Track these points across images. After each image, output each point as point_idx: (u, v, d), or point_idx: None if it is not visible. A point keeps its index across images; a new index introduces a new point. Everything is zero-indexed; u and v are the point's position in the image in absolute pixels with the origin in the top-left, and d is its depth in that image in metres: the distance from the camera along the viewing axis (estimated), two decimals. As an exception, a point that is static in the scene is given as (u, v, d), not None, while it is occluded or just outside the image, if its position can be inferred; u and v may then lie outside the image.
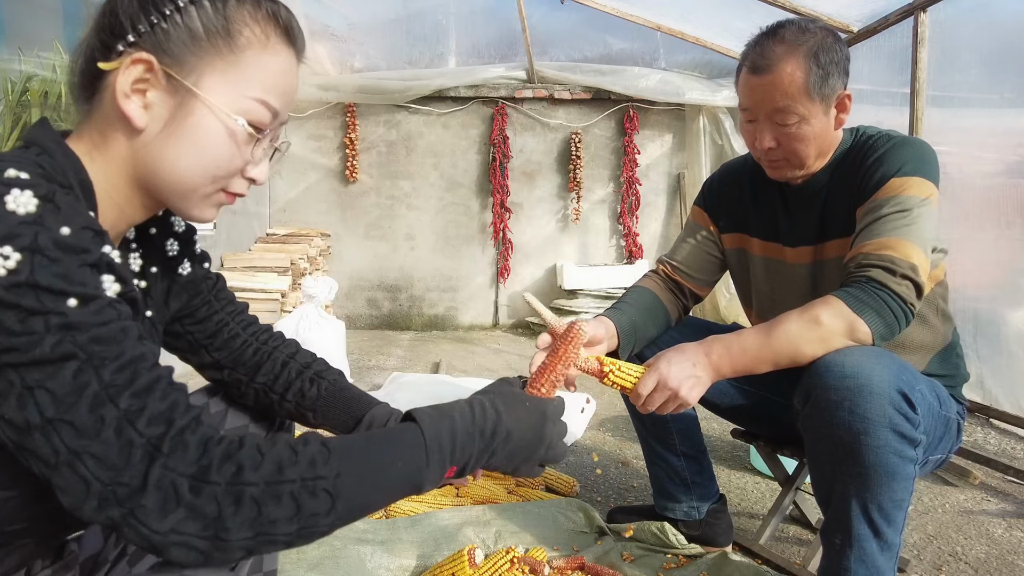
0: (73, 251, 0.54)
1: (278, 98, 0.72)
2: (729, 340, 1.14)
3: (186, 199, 0.71)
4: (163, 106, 0.67)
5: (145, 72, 0.66)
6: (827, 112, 1.21)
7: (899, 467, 1.02)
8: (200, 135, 0.68)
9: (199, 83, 0.67)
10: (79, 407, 0.52)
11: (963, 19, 2.68)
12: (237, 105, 0.69)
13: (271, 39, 0.71)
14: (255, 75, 0.70)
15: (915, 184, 1.15)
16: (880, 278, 1.08)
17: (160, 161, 0.68)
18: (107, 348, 0.54)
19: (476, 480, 1.80)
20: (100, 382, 0.53)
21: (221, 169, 0.70)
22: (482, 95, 4.94)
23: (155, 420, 0.55)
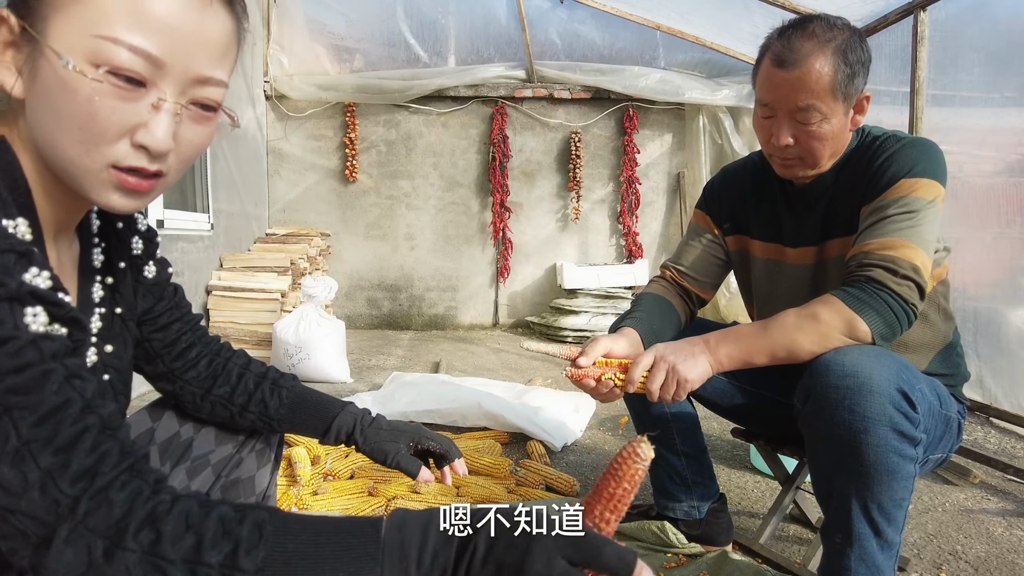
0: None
1: (142, 32, 0.56)
2: (726, 331, 1.15)
3: (73, 178, 0.60)
4: (24, 67, 0.58)
5: (8, 33, 0.57)
6: (847, 112, 1.19)
7: (899, 466, 1.02)
8: (49, 93, 0.56)
9: (44, 30, 0.56)
10: (1, 464, 0.49)
11: (963, 18, 2.68)
12: (87, 49, 0.55)
13: None
14: (105, 7, 0.55)
15: (925, 186, 1.14)
16: (881, 278, 1.07)
17: (36, 132, 0.59)
18: (24, 399, 0.49)
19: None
20: (19, 437, 0.49)
21: (85, 133, 0.57)
22: (482, 95, 4.94)
23: (79, 477, 0.51)
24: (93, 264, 0.75)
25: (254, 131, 4.68)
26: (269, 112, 4.92)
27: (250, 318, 3.50)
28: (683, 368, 1.09)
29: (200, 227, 3.64)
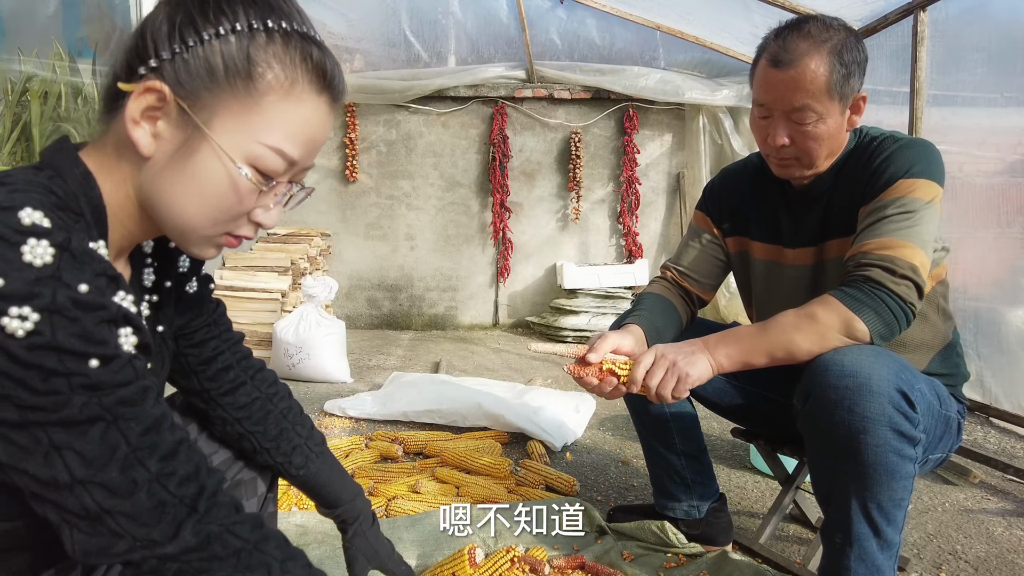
0: (91, 308, 0.53)
1: (298, 147, 0.67)
2: (725, 332, 1.15)
3: (185, 237, 0.68)
4: (172, 138, 0.64)
5: (157, 101, 0.63)
6: (843, 112, 1.19)
7: (899, 466, 1.02)
8: (202, 176, 0.64)
9: (210, 122, 0.64)
10: (110, 469, 0.54)
11: (963, 18, 2.68)
12: (247, 151, 0.65)
13: (297, 85, 0.66)
14: (273, 122, 0.65)
15: (922, 186, 1.14)
16: (878, 278, 1.08)
17: (162, 193, 0.66)
18: (132, 409, 0.55)
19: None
20: (128, 444, 0.55)
21: (223, 214, 0.67)
22: (482, 95, 4.94)
23: (186, 481, 0.58)
24: (143, 284, 0.77)
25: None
26: (269, 112, 4.92)
27: (251, 318, 3.50)
28: (683, 364, 1.09)
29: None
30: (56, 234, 0.53)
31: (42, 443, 0.52)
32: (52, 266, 0.51)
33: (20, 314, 0.50)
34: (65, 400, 0.52)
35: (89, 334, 0.53)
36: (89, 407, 0.53)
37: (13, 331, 0.50)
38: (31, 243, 0.51)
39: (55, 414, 0.52)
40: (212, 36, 0.63)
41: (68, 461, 0.52)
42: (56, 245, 0.52)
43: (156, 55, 0.63)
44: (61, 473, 0.52)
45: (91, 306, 0.53)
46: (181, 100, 0.63)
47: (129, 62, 0.64)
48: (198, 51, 0.63)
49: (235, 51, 0.63)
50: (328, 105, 0.70)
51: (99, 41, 2.80)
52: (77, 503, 0.53)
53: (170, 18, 0.64)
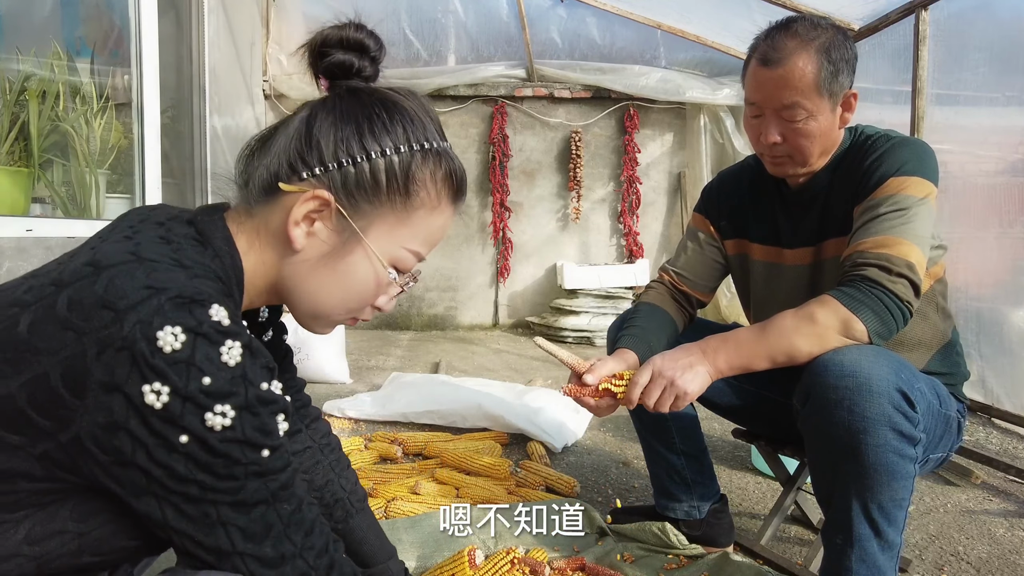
0: (268, 403, 0.59)
1: (430, 247, 0.76)
2: (724, 336, 1.14)
3: (315, 320, 0.76)
4: (326, 240, 0.70)
5: (320, 206, 0.68)
6: (834, 110, 1.20)
7: (899, 466, 1.02)
8: (351, 275, 0.72)
9: (366, 229, 0.70)
10: (265, 544, 0.60)
11: (965, 17, 2.68)
12: (393, 254, 0.72)
13: (442, 200, 0.74)
14: (418, 231, 0.73)
15: (914, 184, 1.15)
16: (875, 276, 1.07)
17: (305, 284, 0.72)
18: (286, 492, 0.62)
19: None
20: (282, 522, 0.61)
21: (358, 304, 0.75)
22: (481, 94, 4.93)
23: (320, 553, 0.65)
24: None
25: (253, 131, 4.63)
26: (268, 111, 4.91)
27: (250, 318, 3.49)
28: (681, 381, 1.09)
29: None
30: (242, 335, 0.59)
31: (211, 517, 0.58)
32: (241, 365, 0.57)
33: (222, 411, 0.56)
34: (241, 485, 0.58)
35: (266, 427, 0.59)
36: (259, 492, 0.59)
37: (213, 425, 0.55)
38: (228, 344, 0.57)
39: (230, 496, 0.58)
40: (378, 154, 0.69)
41: (231, 535, 0.59)
42: (244, 346, 0.58)
43: (323, 164, 0.68)
44: (224, 543, 0.58)
45: (268, 401, 0.59)
46: (343, 209, 0.69)
47: (292, 163, 0.69)
48: (364, 167, 0.69)
49: (397, 170, 0.70)
50: (456, 210, 0.78)
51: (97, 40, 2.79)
52: (233, 568, 0.60)
53: (338, 130, 0.69)
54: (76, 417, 0.54)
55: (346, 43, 0.74)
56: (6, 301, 0.58)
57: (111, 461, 0.55)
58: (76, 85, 2.52)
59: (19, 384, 0.54)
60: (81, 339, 0.54)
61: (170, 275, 0.58)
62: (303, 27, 4.78)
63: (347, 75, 0.74)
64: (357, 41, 0.74)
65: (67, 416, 0.54)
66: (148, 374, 0.53)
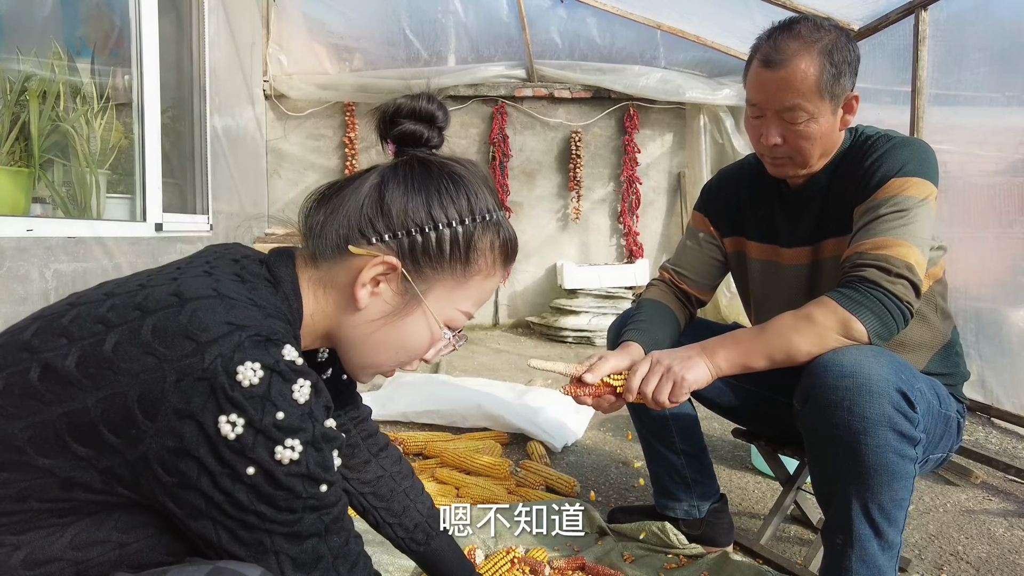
0: (330, 441, 0.62)
1: (479, 307, 0.79)
2: (723, 336, 1.15)
3: (365, 370, 0.80)
4: (388, 301, 0.74)
5: (387, 270, 0.72)
6: (835, 112, 1.20)
7: (899, 466, 1.02)
8: (409, 334, 0.75)
9: (427, 292, 0.74)
10: (314, 573, 0.62)
11: (964, 17, 2.68)
12: (448, 315, 0.76)
13: (496, 266, 0.78)
14: (473, 295, 0.77)
15: (915, 184, 1.14)
16: (874, 278, 1.07)
17: (363, 340, 0.76)
18: (337, 524, 0.64)
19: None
20: (331, 554, 0.63)
21: (409, 358, 0.78)
22: (481, 94, 4.93)
23: None
24: None
25: (253, 131, 4.67)
26: (268, 112, 4.92)
27: (250, 318, 3.49)
28: (679, 368, 1.10)
29: (199, 228, 3.64)
30: (311, 374, 0.61)
31: (264, 545, 0.60)
32: (309, 403, 0.60)
33: (292, 445, 0.58)
34: (299, 518, 0.60)
35: (326, 462, 0.61)
36: (314, 525, 0.61)
37: (282, 458, 0.57)
38: (300, 383, 0.59)
39: (287, 528, 0.60)
40: (444, 225, 0.73)
41: (282, 563, 0.60)
42: (312, 385, 0.60)
43: (391, 231, 0.72)
44: (274, 570, 0.60)
45: (330, 439, 0.62)
46: (408, 273, 0.73)
47: (362, 228, 0.72)
48: (431, 236, 0.72)
49: (461, 240, 0.74)
50: (506, 272, 0.81)
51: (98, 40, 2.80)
52: None
53: (410, 200, 0.72)
54: (146, 438, 0.56)
55: (418, 114, 0.77)
56: (90, 316, 0.60)
57: (174, 483, 0.57)
58: (76, 85, 2.52)
59: (96, 399, 0.56)
60: (162, 365, 0.56)
61: (247, 313, 0.61)
62: (303, 27, 4.78)
63: (416, 144, 0.77)
64: (428, 113, 0.77)
65: (137, 436, 0.56)
66: (225, 405, 0.56)
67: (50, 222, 2.31)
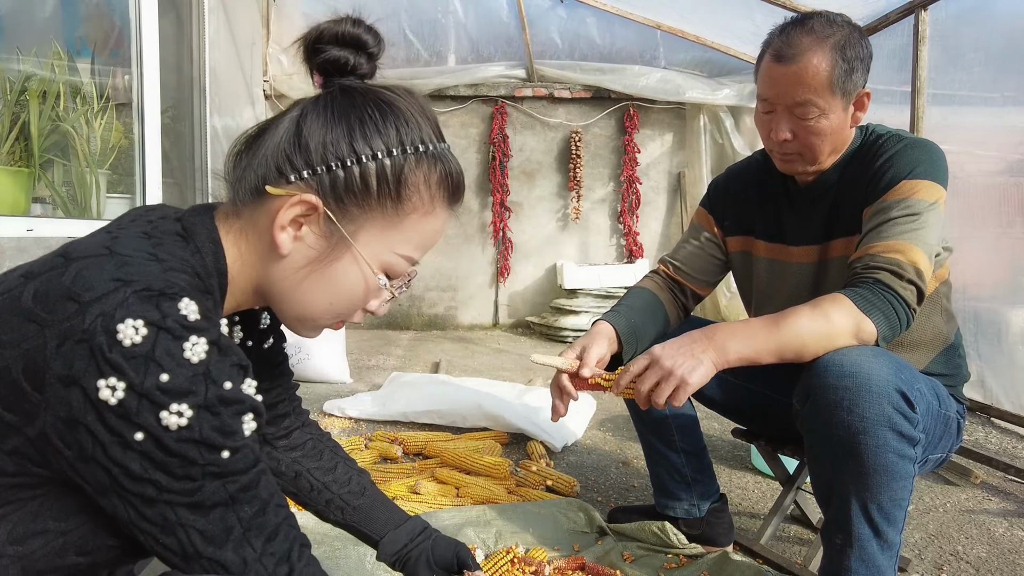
0: (231, 403, 0.57)
1: (423, 251, 0.73)
2: (735, 325, 1.10)
3: (302, 324, 0.74)
4: (313, 245, 0.68)
5: (307, 211, 0.66)
6: (846, 108, 1.20)
7: (898, 466, 1.02)
8: (340, 280, 0.69)
9: (356, 234, 0.68)
10: (226, 548, 0.58)
11: (964, 17, 2.68)
12: (384, 260, 0.70)
13: (437, 204, 0.71)
14: (411, 236, 0.70)
15: (925, 188, 1.14)
16: (888, 281, 1.07)
17: (292, 290, 0.70)
18: (248, 494, 0.59)
19: None
20: (242, 526, 0.59)
21: (347, 309, 0.72)
22: (481, 94, 4.93)
23: (282, 560, 0.62)
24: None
25: (254, 131, 4.67)
26: (268, 112, 4.91)
27: (250, 318, 3.49)
28: (682, 371, 1.04)
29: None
30: (211, 330, 0.56)
31: (169, 520, 0.56)
32: (205, 362, 0.55)
33: (178, 410, 0.53)
34: (198, 487, 0.56)
35: (226, 427, 0.56)
36: (217, 494, 0.57)
37: (169, 424, 0.53)
38: (192, 340, 0.54)
39: (187, 498, 0.56)
40: (368, 157, 0.66)
41: (192, 537, 0.57)
42: (210, 342, 0.56)
43: (311, 167, 0.66)
44: (186, 545, 0.57)
45: (231, 401, 0.57)
46: (331, 213, 0.66)
47: (279, 166, 0.66)
48: (354, 170, 0.66)
49: (389, 174, 0.67)
50: (453, 213, 0.75)
51: (98, 40, 2.79)
52: (202, 570, 0.58)
53: (329, 131, 0.66)
54: (39, 411, 0.53)
55: (342, 39, 0.71)
56: None
57: (74, 457, 0.54)
58: (76, 85, 2.52)
59: None
60: (43, 331, 0.52)
61: (142, 268, 0.56)
62: (303, 27, 4.73)
63: (342, 72, 0.71)
64: (354, 37, 0.71)
65: (31, 411, 0.53)
66: (104, 368, 0.51)
67: (50, 222, 2.31)
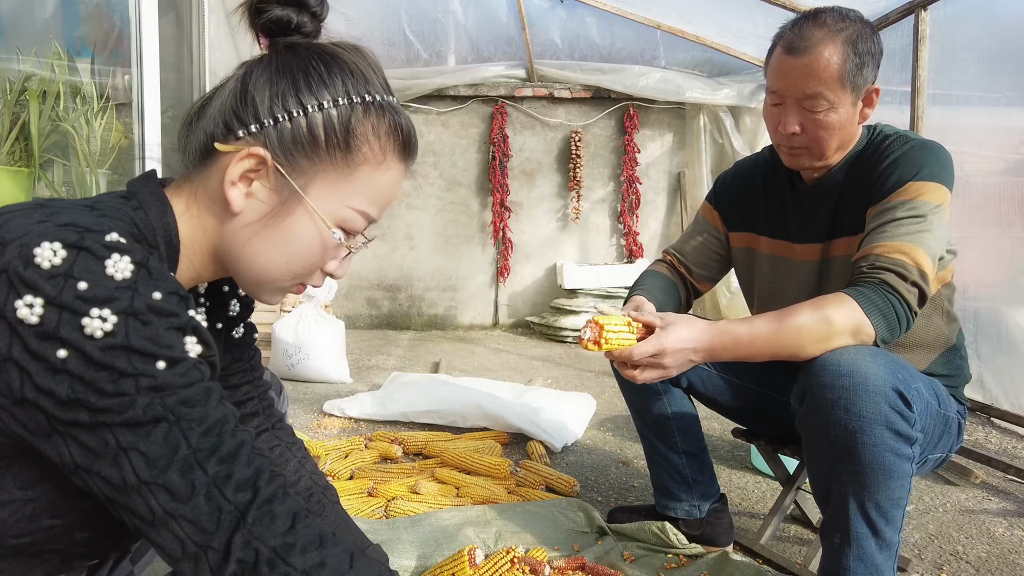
0: (163, 314, 0.55)
1: (379, 208, 0.73)
2: (738, 328, 1.10)
3: (260, 287, 0.72)
4: (265, 200, 0.67)
5: (257, 165, 0.66)
6: (855, 103, 1.20)
7: (896, 465, 1.02)
8: (294, 236, 0.68)
9: (307, 187, 0.67)
10: (171, 471, 0.54)
11: (964, 17, 2.68)
12: (338, 214, 0.69)
13: (388, 155, 0.71)
14: (363, 189, 0.70)
15: (931, 190, 1.14)
16: (892, 282, 1.07)
17: (245, 248, 0.69)
18: (193, 410, 0.55)
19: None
20: (188, 446, 0.55)
21: (304, 268, 0.71)
22: (481, 94, 4.93)
23: (242, 486, 0.56)
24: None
25: (254, 131, 4.67)
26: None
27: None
28: (670, 373, 1.11)
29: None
30: (136, 253, 0.55)
31: (110, 445, 0.53)
32: (130, 280, 0.53)
33: (100, 315, 0.51)
34: (131, 401, 0.53)
35: (159, 337, 0.54)
36: (153, 408, 0.53)
37: (92, 332, 0.51)
38: (115, 258, 0.53)
39: (121, 415, 0.53)
40: (315, 108, 0.66)
41: (134, 462, 0.53)
42: (136, 263, 0.54)
43: (258, 120, 0.65)
44: (128, 475, 0.53)
45: (163, 312, 0.55)
46: (281, 166, 0.66)
47: (227, 122, 0.66)
48: (301, 121, 0.66)
49: (336, 124, 0.66)
50: (406, 168, 0.75)
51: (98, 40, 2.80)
52: (144, 506, 0.54)
53: (273, 85, 0.66)
54: None
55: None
56: None
57: (10, 403, 0.52)
58: (76, 85, 2.52)
59: None
60: None
61: (69, 215, 0.55)
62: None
63: (285, 32, 0.70)
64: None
65: None
66: (21, 288, 0.50)
67: (50, 222, 2.31)
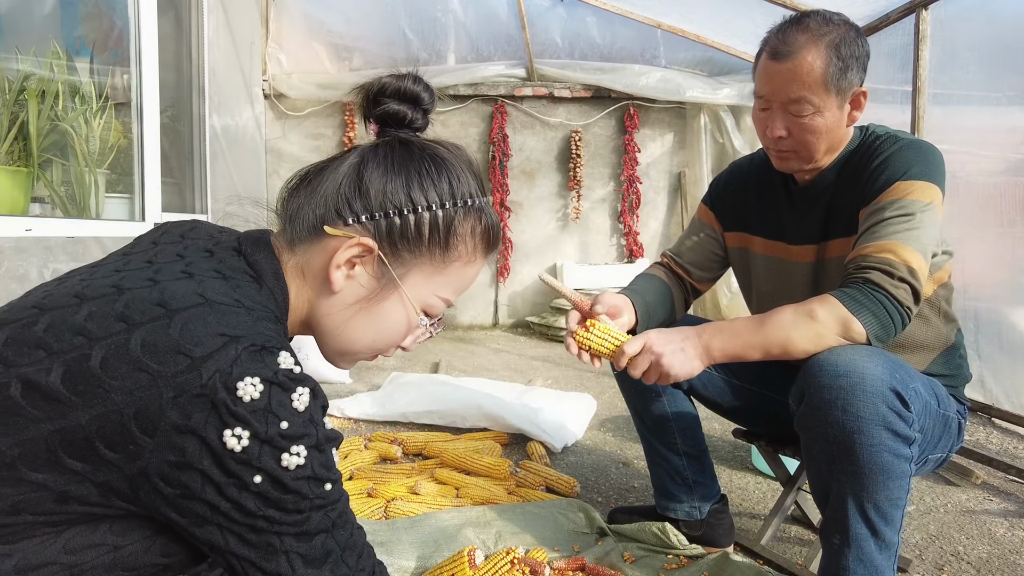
0: (331, 441, 0.63)
1: (459, 295, 0.78)
2: (722, 324, 1.15)
3: (343, 357, 0.79)
4: (364, 284, 0.73)
5: (362, 252, 0.71)
6: (841, 107, 1.20)
7: (894, 465, 1.02)
8: (385, 319, 0.75)
9: (404, 277, 0.74)
10: (324, 569, 0.63)
11: (964, 17, 2.67)
12: (426, 301, 0.76)
13: (477, 253, 0.77)
14: (452, 281, 0.76)
15: (920, 188, 1.14)
16: (878, 280, 1.08)
17: (338, 324, 0.75)
18: (343, 519, 0.65)
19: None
20: (338, 548, 0.64)
21: (386, 345, 0.78)
22: (481, 93, 4.93)
23: (370, 574, 0.67)
24: None
25: (252, 130, 4.67)
26: (267, 111, 4.91)
27: (249, 318, 3.49)
28: (667, 361, 1.10)
29: (199, 226, 3.63)
30: (308, 380, 0.62)
31: (274, 546, 0.61)
32: (310, 409, 0.60)
33: (297, 451, 0.59)
34: (306, 518, 0.61)
35: (329, 463, 0.62)
36: (321, 522, 0.62)
37: (288, 464, 0.59)
38: (299, 391, 0.60)
39: (295, 528, 0.61)
40: (423, 207, 0.72)
41: (293, 561, 0.61)
42: (310, 390, 0.61)
43: (369, 212, 0.71)
44: (284, 569, 0.61)
45: (331, 440, 0.63)
46: (384, 256, 0.72)
47: (339, 208, 0.71)
48: (410, 219, 0.72)
49: (440, 224, 0.73)
50: (487, 260, 0.81)
51: (97, 40, 2.79)
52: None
53: (389, 181, 0.71)
54: (145, 453, 0.56)
55: (403, 94, 0.76)
56: (67, 326, 0.59)
57: (177, 495, 0.58)
58: (75, 85, 2.52)
59: (89, 417, 0.56)
60: (156, 382, 0.56)
61: (238, 319, 0.61)
62: (303, 27, 4.77)
63: (399, 124, 0.76)
64: (413, 94, 0.77)
65: (136, 451, 0.56)
66: (229, 420, 0.56)
67: (49, 222, 2.31)
